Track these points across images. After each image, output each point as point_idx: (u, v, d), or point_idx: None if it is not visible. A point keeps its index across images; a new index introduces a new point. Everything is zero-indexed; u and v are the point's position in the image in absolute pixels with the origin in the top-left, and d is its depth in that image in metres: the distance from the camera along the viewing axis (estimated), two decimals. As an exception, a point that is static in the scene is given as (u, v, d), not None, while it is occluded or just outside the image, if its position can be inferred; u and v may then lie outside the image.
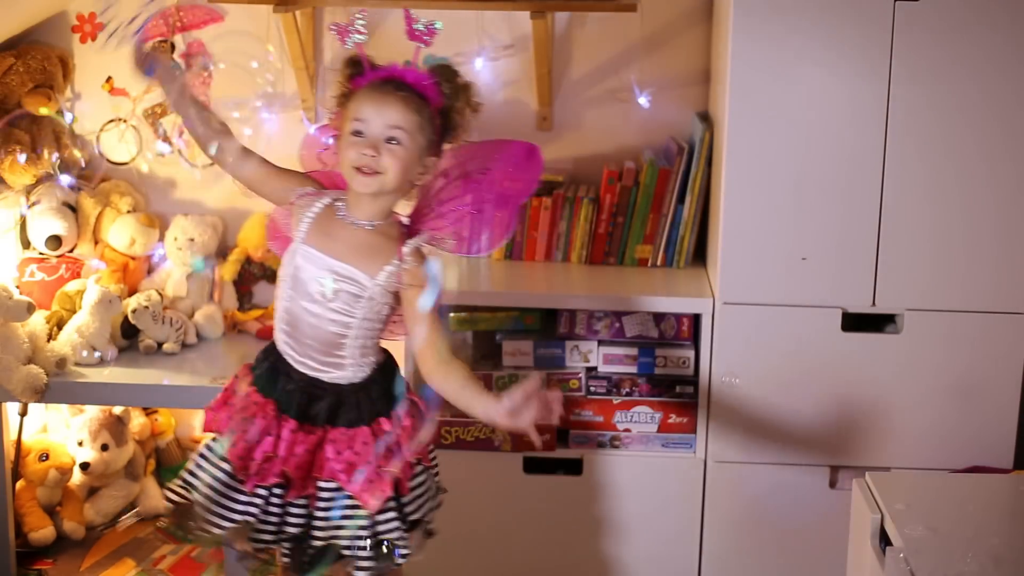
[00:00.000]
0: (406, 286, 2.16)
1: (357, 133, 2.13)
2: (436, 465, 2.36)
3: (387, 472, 2.17)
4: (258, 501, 2.18)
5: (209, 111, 2.30)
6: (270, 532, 2.20)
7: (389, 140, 2.11)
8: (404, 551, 2.21)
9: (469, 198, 2.21)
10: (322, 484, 2.18)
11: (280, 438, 2.17)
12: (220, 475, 2.18)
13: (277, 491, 2.19)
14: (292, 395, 2.20)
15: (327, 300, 2.16)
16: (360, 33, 2.21)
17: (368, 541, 2.18)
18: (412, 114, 2.13)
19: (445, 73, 2.17)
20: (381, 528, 2.19)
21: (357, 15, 2.20)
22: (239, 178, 2.31)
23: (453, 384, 2.14)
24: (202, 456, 2.23)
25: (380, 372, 2.25)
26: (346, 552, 2.19)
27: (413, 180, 2.18)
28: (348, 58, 2.22)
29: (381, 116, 2.11)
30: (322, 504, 2.19)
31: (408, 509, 2.23)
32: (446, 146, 2.22)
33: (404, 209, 2.26)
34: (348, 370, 2.21)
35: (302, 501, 2.19)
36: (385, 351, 2.30)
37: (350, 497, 2.17)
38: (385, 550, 2.19)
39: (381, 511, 2.18)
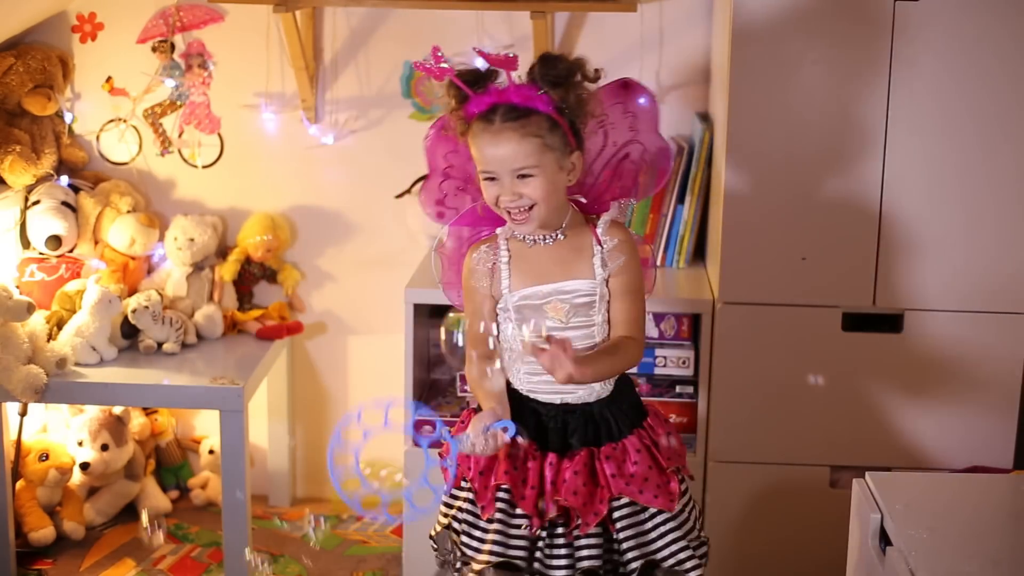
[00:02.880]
0: (617, 264, 2.11)
1: (488, 177, 2.05)
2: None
3: (670, 471, 2.14)
4: (539, 543, 2.12)
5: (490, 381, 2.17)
6: (562, 570, 2.11)
7: (521, 176, 2.03)
8: (704, 552, 2.21)
9: (612, 150, 2.19)
10: (614, 504, 2.12)
11: (545, 474, 2.11)
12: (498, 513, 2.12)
13: (560, 528, 2.12)
14: (548, 432, 2.14)
15: (565, 324, 2.11)
16: (444, 62, 2.08)
17: (684, 545, 2.14)
18: (531, 139, 2.02)
19: (544, 72, 2.04)
20: (686, 533, 2.16)
21: (437, 54, 2.09)
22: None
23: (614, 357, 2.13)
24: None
25: (621, 382, 2.20)
26: (669, 563, 2.13)
27: (567, 186, 2.10)
28: (447, 88, 2.09)
29: (503, 159, 2.02)
30: (623, 524, 2.12)
31: (688, 516, 2.20)
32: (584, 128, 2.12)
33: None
34: (596, 383, 2.15)
35: (595, 530, 2.11)
36: None
37: (647, 510, 2.13)
38: (695, 554, 2.17)
39: (680, 516, 2.15)
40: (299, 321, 3.37)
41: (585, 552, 2.10)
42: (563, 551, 2.11)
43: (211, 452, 3.47)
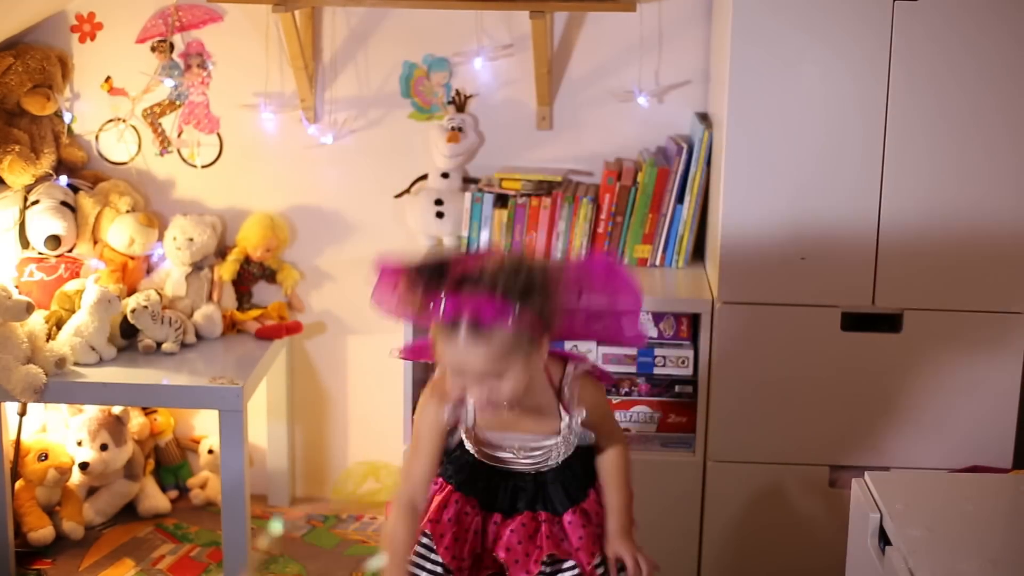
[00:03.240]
0: (587, 425, 2.16)
1: (456, 371, 2.00)
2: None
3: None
4: None
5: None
6: None
7: (489, 376, 1.98)
8: None
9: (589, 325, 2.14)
10: (544, 564, 2.15)
11: (487, 532, 2.17)
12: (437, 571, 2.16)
13: None
14: (496, 491, 2.18)
15: (517, 458, 2.16)
16: (395, 280, 2.03)
17: None
18: (496, 351, 1.94)
19: (514, 294, 1.92)
20: None
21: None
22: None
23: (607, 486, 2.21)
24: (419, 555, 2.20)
25: (575, 456, 2.21)
26: None
27: (532, 374, 2.04)
28: (415, 278, 2.00)
29: (467, 367, 1.96)
30: None
31: None
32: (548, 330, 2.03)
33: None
34: (552, 461, 2.17)
35: None
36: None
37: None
38: None
39: None
40: (298, 321, 3.37)
41: None
42: None
43: (210, 452, 3.46)
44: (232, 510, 2.94)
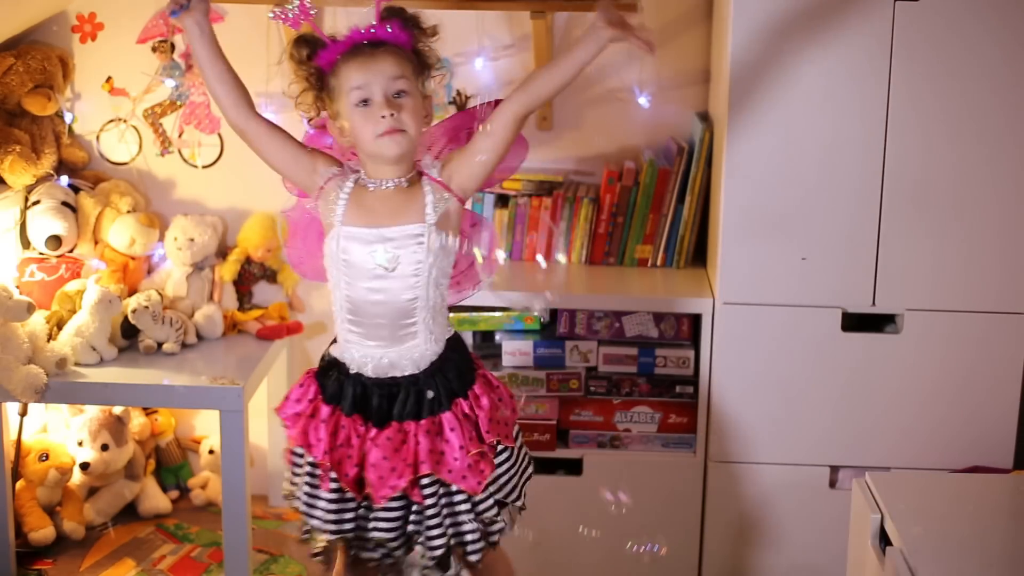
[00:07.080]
0: (459, 167, 2.14)
1: (363, 103, 2.09)
2: (520, 441, 2.26)
3: (480, 453, 2.13)
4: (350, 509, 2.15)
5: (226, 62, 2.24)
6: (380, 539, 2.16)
7: (397, 95, 2.09)
8: (501, 528, 2.22)
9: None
10: (424, 481, 2.12)
11: (362, 448, 2.12)
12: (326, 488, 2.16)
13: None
14: (372, 406, 2.14)
15: (389, 272, 2.11)
16: (308, 14, 2.20)
17: (477, 526, 2.15)
18: (404, 62, 2.11)
19: (400, 14, 2.14)
20: (482, 511, 2.16)
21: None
22: (246, 130, 2.25)
23: (548, 73, 2.13)
24: (296, 465, 2.23)
25: (451, 349, 2.19)
26: (465, 540, 2.15)
27: (422, 127, 2.15)
28: (300, 38, 2.18)
29: (380, 75, 2.08)
30: (430, 501, 2.13)
31: (498, 489, 2.19)
32: (427, 85, 2.19)
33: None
34: (420, 338, 2.14)
35: (396, 504, 2.13)
36: (452, 327, 2.23)
37: (449, 486, 2.13)
38: (487, 531, 2.19)
39: (480, 497, 2.16)
40: (299, 321, 3.37)
41: (382, 524, 2.13)
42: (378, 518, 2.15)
43: (211, 452, 3.47)
44: (233, 510, 2.94)
